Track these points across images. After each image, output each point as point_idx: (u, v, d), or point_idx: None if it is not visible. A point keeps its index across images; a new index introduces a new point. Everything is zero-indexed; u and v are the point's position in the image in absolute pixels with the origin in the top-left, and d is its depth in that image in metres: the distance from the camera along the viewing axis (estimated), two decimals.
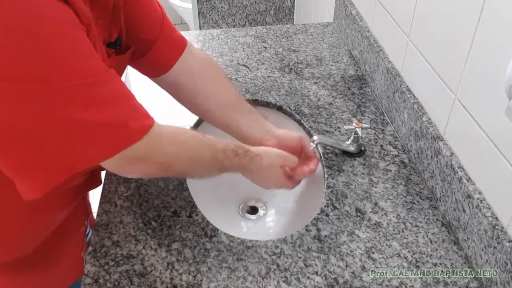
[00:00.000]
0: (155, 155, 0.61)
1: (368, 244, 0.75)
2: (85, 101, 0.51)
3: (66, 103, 0.49)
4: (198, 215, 0.80)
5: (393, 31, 0.98)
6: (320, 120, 1.01)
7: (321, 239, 0.76)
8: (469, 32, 0.69)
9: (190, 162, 0.68)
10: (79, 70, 0.50)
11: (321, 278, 0.70)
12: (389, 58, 1.02)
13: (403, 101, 0.93)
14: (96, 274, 0.70)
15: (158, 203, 0.82)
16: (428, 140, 0.83)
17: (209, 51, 1.27)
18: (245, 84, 1.13)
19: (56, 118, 0.50)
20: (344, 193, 0.84)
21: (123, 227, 0.78)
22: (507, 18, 0.60)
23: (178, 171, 0.69)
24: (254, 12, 2.24)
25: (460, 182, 0.73)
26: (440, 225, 0.78)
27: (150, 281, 0.69)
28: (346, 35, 1.29)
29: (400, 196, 0.84)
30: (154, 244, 0.75)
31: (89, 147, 0.53)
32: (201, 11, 2.22)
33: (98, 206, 0.82)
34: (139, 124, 0.57)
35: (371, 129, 0.98)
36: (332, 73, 1.17)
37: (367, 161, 0.91)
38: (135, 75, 1.19)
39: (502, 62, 0.61)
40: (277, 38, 1.33)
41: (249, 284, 0.69)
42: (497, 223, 0.65)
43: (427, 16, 0.83)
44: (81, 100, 0.50)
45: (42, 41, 0.47)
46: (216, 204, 0.97)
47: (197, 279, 0.69)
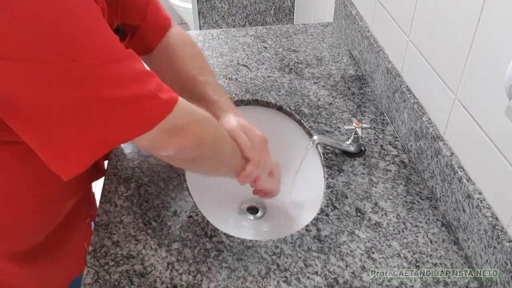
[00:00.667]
0: (189, 124, 0.62)
1: (368, 244, 0.75)
2: (114, 77, 0.51)
3: (96, 81, 0.50)
4: (198, 215, 0.80)
5: (393, 31, 0.98)
6: (320, 120, 1.01)
7: (321, 239, 0.76)
8: (469, 32, 0.69)
9: (215, 143, 0.69)
10: (105, 48, 0.51)
11: (321, 278, 0.70)
12: (389, 58, 1.02)
13: (403, 101, 0.93)
14: (96, 274, 0.70)
15: (158, 203, 0.82)
16: (428, 140, 0.83)
17: (209, 51, 1.27)
18: (245, 84, 1.13)
19: (88, 96, 0.50)
20: (344, 193, 0.84)
21: (123, 227, 0.78)
22: (507, 18, 0.60)
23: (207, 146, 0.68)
24: (254, 12, 2.24)
25: (460, 182, 0.73)
26: (440, 225, 0.78)
27: (150, 281, 0.69)
28: (346, 35, 1.29)
29: (400, 196, 0.84)
30: (154, 244, 0.75)
31: (126, 122, 0.54)
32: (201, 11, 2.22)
33: (98, 206, 0.82)
34: (168, 95, 0.58)
35: (371, 129, 0.98)
36: (332, 73, 1.17)
37: (367, 161, 0.91)
38: None
39: (502, 62, 0.61)
40: (277, 38, 1.33)
41: (249, 284, 0.69)
42: (497, 223, 0.65)
43: (427, 16, 0.83)
44: (111, 76, 0.51)
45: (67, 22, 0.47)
46: (216, 204, 0.97)
47: (197, 279, 0.69)
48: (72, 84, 0.49)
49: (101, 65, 0.50)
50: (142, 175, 0.88)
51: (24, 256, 0.76)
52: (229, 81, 1.14)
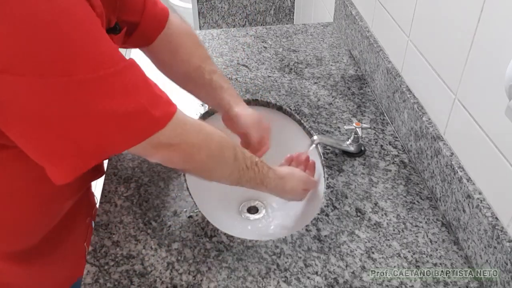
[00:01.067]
0: (179, 142, 0.62)
1: (368, 244, 0.75)
2: (107, 91, 0.52)
3: (90, 94, 0.51)
4: (198, 215, 0.80)
5: (393, 31, 0.98)
6: (320, 120, 1.01)
7: (321, 239, 0.76)
8: (469, 32, 0.69)
9: (211, 155, 0.68)
10: (100, 61, 0.51)
11: (321, 278, 0.70)
12: (389, 58, 1.02)
13: (403, 101, 0.93)
14: (96, 274, 0.70)
15: (158, 203, 0.82)
16: (428, 140, 0.83)
17: (209, 51, 1.27)
18: (245, 84, 1.13)
19: (82, 109, 0.51)
20: (344, 193, 0.84)
21: (123, 227, 0.78)
22: (507, 18, 0.60)
23: (197, 164, 0.68)
24: (254, 12, 2.24)
25: (460, 182, 0.73)
26: (440, 225, 0.78)
27: (150, 281, 0.69)
28: (346, 35, 1.29)
29: (400, 196, 0.84)
30: (154, 244, 0.75)
31: (116, 135, 0.55)
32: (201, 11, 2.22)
33: (98, 206, 0.82)
34: (162, 111, 0.58)
35: (371, 129, 0.98)
36: (332, 73, 1.17)
37: (367, 161, 0.91)
38: None
39: (502, 62, 0.61)
40: (277, 38, 1.33)
41: (249, 284, 0.69)
42: (497, 223, 0.65)
43: (427, 16, 0.83)
44: (103, 90, 0.52)
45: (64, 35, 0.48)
46: (216, 204, 0.97)
47: (197, 279, 0.69)
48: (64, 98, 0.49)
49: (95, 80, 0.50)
50: (142, 175, 0.88)
51: (23, 256, 0.76)
52: (229, 81, 1.14)
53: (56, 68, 0.48)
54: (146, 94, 0.56)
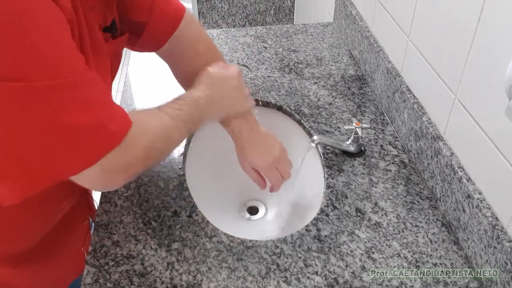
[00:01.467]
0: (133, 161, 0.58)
1: (368, 244, 0.75)
2: (63, 101, 0.49)
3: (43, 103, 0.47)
4: (198, 215, 0.80)
5: (393, 31, 0.98)
6: (320, 120, 1.01)
7: (321, 239, 0.76)
8: (469, 32, 0.69)
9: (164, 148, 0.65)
10: (58, 68, 0.48)
11: (321, 278, 0.70)
12: (389, 58, 1.02)
13: (403, 101, 0.93)
14: (96, 274, 0.70)
15: (158, 203, 0.82)
16: (428, 140, 0.83)
17: None
18: (245, 84, 1.13)
19: (34, 119, 0.48)
20: (344, 193, 0.84)
21: (123, 227, 0.78)
22: (507, 18, 0.60)
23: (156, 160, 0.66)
24: (254, 12, 2.24)
25: (460, 182, 0.73)
26: (440, 225, 0.78)
27: (150, 281, 0.69)
28: (346, 35, 1.29)
29: (400, 196, 0.84)
30: (154, 244, 0.75)
31: (68, 153, 0.51)
32: (201, 11, 2.23)
33: (98, 206, 0.82)
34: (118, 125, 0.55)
35: (371, 129, 0.98)
36: (332, 73, 1.17)
37: (367, 161, 0.91)
38: (134, 74, 1.19)
39: (502, 62, 0.61)
40: (277, 38, 1.33)
41: (249, 284, 0.69)
42: (497, 223, 0.65)
43: (427, 16, 0.83)
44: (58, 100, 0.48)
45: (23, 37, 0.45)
46: (216, 204, 0.97)
47: (197, 279, 0.69)
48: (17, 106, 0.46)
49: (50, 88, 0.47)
50: (142, 175, 0.88)
51: (20, 258, 0.76)
52: None
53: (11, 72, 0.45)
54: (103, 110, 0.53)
